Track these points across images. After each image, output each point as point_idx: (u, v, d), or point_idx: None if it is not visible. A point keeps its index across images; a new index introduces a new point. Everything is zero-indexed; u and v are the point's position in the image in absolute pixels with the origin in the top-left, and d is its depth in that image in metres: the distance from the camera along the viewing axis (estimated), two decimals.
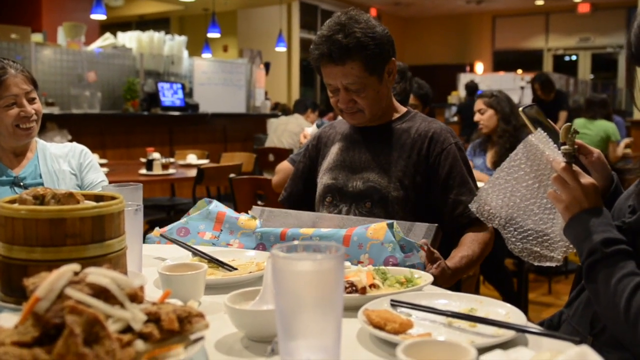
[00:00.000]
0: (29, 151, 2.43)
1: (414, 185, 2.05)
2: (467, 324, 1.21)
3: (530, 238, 1.51)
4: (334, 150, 2.22)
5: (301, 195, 2.33)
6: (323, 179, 2.19)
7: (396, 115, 2.19)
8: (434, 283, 1.50)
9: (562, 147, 1.40)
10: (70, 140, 5.88)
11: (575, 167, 1.38)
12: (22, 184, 2.33)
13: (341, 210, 2.10)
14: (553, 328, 1.53)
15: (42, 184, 2.32)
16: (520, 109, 1.51)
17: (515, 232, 1.53)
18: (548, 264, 1.52)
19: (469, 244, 1.95)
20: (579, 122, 6.49)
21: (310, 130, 4.35)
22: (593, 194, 1.36)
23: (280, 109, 10.39)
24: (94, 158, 2.55)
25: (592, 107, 6.33)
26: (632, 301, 1.21)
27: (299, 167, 2.36)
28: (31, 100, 2.33)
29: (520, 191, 1.50)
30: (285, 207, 2.33)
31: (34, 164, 2.40)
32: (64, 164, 2.44)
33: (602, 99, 6.44)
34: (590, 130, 6.16)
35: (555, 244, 1.48)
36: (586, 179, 1.37)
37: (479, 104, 4.34)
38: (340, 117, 2.27)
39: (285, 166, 3.17)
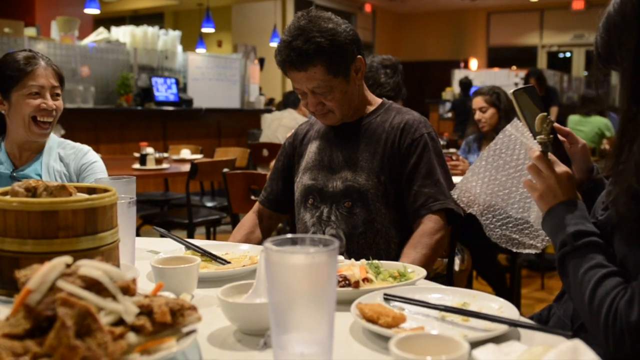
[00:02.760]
0: (37, 151, 2.39)
1: (391, 180, 2.02)
2: (460, 318, 1.21)
3: (510, 225, 1.53)
4: (311, 149, 2.18)
5: (280, 194, 2.29)
6: (302, 179, 2.16)
7: (370, 109, 2.15)
8: None
9: (538, 137, 1.42)
10: (64, 135, 5.85)
11: (551, 156, 1.40)
12: (19, 181, 2.29)
13: (322, 211, 2.07)
14: (543, 322, 1.54)
15: None
16: (511, 91, 1.50)
17: (494, 219, 1.55)
18: (527, 251, 1.54)
19: (417, 243, 1.93)
20: (573, 119, 6.51)
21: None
22: (567, 183, 1.37)
23: (275, 105, 10.37)
24: (97, 160, 2.47)
25: (586, 104, 6.35)
26: (596, 292, 1.22)
27: (278, 165, 2.31)
28: (55, 96, 2.32)
29: (500, 179, 1.52)
30: (265, 207, 2.31)
31: (37, 163, 2.37)
32: (62, 166, 2.39)
33: (596, 95, 6.46)
34: (585, 126, 6.18)
35: (536, 231, 1.50)
36: (560, 168, 1.39)
37: (479, 102, 4.30)
38: None
39: None
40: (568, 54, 16.46)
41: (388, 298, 1.29)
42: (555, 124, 1.52)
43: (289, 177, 2.26)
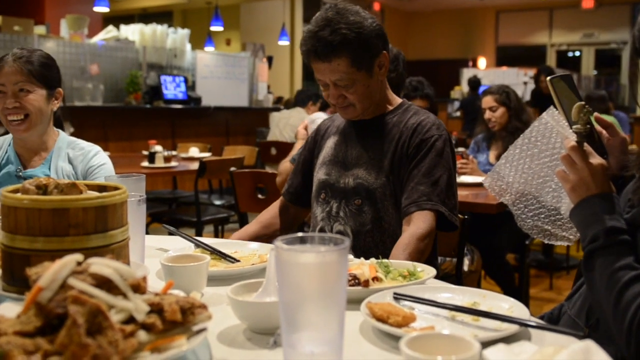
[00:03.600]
0: (44, 150, 2.37)
1: (399, 180, 2.02)
2: (470, 318, 1.20)
3: (542, 216, 1.50)
4: (329, 144, 2.20)
5: (299, 188, 2.31)
6: (318, 174, 2.17)
7: (389, 108, 2.15)
8: None
9: (574, 126, 1.38)
10: (73, 133, 5.86)
11: (587, 147, 1.36)
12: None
13: (332, 206, 2.08)
14: (553, 321, 1.53)
15: None
16: (548, 78, 1.46)
17: (526, 209, 1.51)
18: (559, 242, 1.51)
19: (407, 244, 1.88)
20: None
21: (309, 119, 4.34)
22: (601, 176, 1.34)
23: (283, 103, 10.37)
24: (106, 161, 2.44)
25: (591, 103, 6.35)
26: (624, 294, 1.20)
27: (300, 159, 2.35)
28: (23, 92, 2.24)
29: (534, 168, 1.48)
30: (286, 200, 2.34)
31: (46, 165, 2.35)
32: (69, 167, 2.37)
33: (600, 95, 6.47)
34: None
35: (569, 223, 1.46)
36: (596, 160, 1.35)
37: (488, 101, 4.28)
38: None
39: (286, 167, 3.17)
40: (577, 53, 16.38)
41: (398, 297, 1.29)
42: (596, 114, 1.48)
43: (309, 171, 2.28)
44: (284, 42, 12.51)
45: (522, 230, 1.56)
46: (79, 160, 2.39)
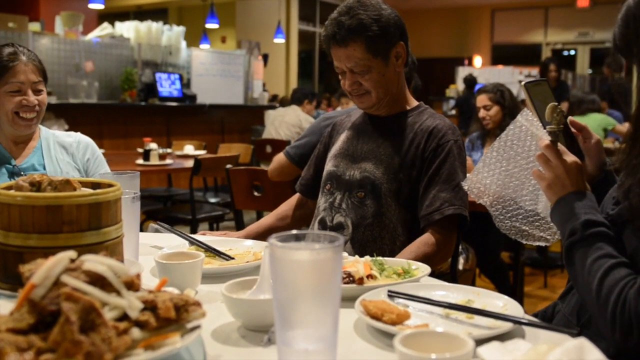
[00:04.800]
0: (32, 140, 2.41)
1: (409, 179, 2.04)
2: (465, 316, 1.21)
3: (520, 217, 1.53)
4: (342, 138, 2.23)
5: (310, 181, 2.36)
6: (327, 166, 2.21)
7: (407, 108, 2.20)
8: None
9: (548, 127, 1.41)
10: (67, 130, 5.85)
11: (561, 147, 1.40)
12: (22, 174, 2.29)
13: (335, 197, 2.10)
14: (547, 319, 1.53)
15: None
16: (523, 83, 1.50)
17: (504, 210, 1.54)
18: (537, 243, 1.53)
19: (417, 247, 1.93)
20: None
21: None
22: (575, 173, 1.37)
23: (279, 101, 10.36)
24: (99, 152, 2.53)
25: (583, 105, 6.42)
26: (604, 281, 1.22)
27: (315, 153, 2.39)
28: (37, 92, 2.32)
29: (510, 170, 1.51)
30: (299, 192, 2.39)
31: (37, 154, 2.38)
32: (67, 156, 2.42)
33: (591, 98, 6.54)
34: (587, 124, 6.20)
35: (547, 224, 1.50)
36: (570, 158, 1.38)
37: (483, 100, 4.30)
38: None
39: (280, 158, 3.18)
40: (572, 52, 16.42)
41: (392, 295, 1.29)
42: (570, 118, 1.52)
43: (321, 164, 2.31)
44: (280, 40, 12.50)
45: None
46: (74, 147, 2.45)
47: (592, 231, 1.29)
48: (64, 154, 2.41)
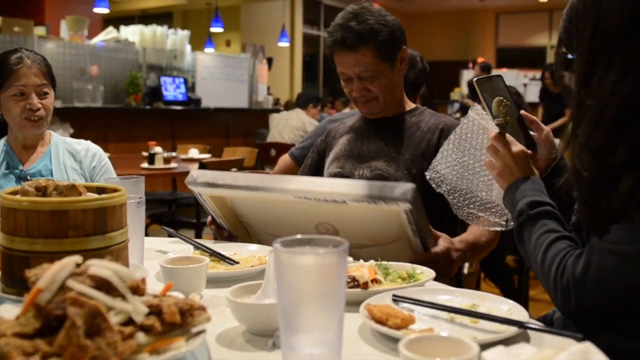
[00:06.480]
0: (41, 145, 2.41)
1: (421, 175, 2.04)
2: (469, 320, 1.20)
3: (477, 204, 1.63)
4: (342, 142, 2.24)
5: None
6: (330, 169, 2.21)
7: (407, 109, 2.23)
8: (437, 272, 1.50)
9: (496, 120, 1.51)
10: (72, 134, 5.87)
11: (509, 137, 1.50)
12: (29, 179, 2.29)
13: None
14: (547, 324, 1.53)
15: None
16: (475, 79, 1.59)
17: (461, 198, 1.64)
18: (493, 228, 1.64)
19: (476, 229, 1.94)
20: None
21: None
22: (522, 160, 1.48)
23: (283, 105, 10.37)
24: (108, 161, 2.52)
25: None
26: (547, 254, 1.31)
27: (307, 162, 2.38)
28: (42, 95, 2.31)
29: (465, 162, 1.62)
30: None
31: (46, 159, 2.38)
32: (75, 163, 2.42)
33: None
34: None
35: (502, 210, 1.59)
36: (517, 147, 1.49)
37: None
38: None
39: (284, 159, 3.19)
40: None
41: (397, 299, 1.29)
42: (523, 112, 1.62)
43: (317, 171, 2.32)
44: (284, 44, 12.51)
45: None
46: (82, 155, 2.45)
47: (537, 210, 1.39)
48: (72, 160, 2.41)
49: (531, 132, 1.64)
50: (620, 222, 1.22)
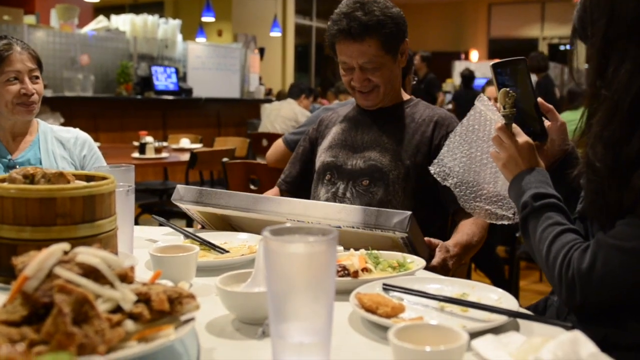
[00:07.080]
0: (29, 134, 2.39)
1: (414, 165, 2.05)
2: (459, 309, 1.21)
3: (483, 197, 1.62)
4: (335, 131, 2.23)
5: (297, 177, 2.33)
6: (322, 157, 2.20)
7: (403, 99, 2.23)
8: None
9: (502, 111, 1.49)
10: (63, 124, 5.83)
11: (515, 128, 1.49)
12: (17, 167, 2.28)
13: (338, 187, 2.10)
14: (538, 313, 1.54)
15: None
16: (491, 63, 1.58)
17: (468, 191, 1.63)
18: (500, 222, 1.62)
19: (468, 227, 1.95)
20: (564, 116, 6.52)
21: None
22: (527, 152, 1.46)
23: (274, 95, 10.35)
24: (97, 149, 2.52)
25: (575, 98, 6.41)
26: (553, 245, 1.30)
27: (299, 150, 2.38)
28: (34, 79, 2.31)
29: (474, 154, 1.60)
30: (282, 190, 2.35)
31: (34, 148, 2.36)
32: (64, 152, 2.41)
33: (581, 91, 6.52)
34: (576, 118, 6.20)
35: (509, 203, 1.58)
36: (522, 138, 1.47)
37: (493, 92, 4.28)
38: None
39: (278, 144, 3.19)
40: (569, 47, 16.40)
41: (387, 288, 1.29)
42: (540, 100, 1.59)
43: (308, 160, 2.32)
44: (276, 34, 12.47)
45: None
46: (71, 143, 2.44)
47: (542, 202, 1.38)
48: (61, 149, 2.40)
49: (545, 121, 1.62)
50: (627, 217, 1.22)
